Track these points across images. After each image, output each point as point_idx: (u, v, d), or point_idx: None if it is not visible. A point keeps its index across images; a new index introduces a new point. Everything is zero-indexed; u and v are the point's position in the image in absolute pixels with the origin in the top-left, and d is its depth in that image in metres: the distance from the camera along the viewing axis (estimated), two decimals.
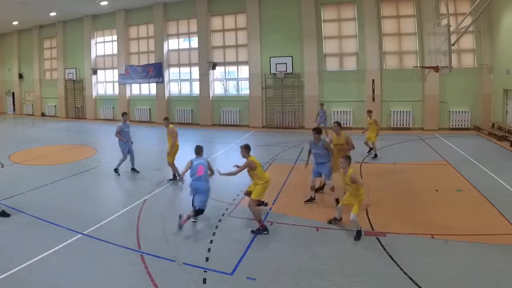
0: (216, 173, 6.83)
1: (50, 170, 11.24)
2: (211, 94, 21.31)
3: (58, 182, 9.88)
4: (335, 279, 4.95)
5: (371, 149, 12.29)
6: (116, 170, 10.55)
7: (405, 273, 5.00)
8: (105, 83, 25.66)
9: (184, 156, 13.95)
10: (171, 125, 9.96)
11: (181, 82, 22.86)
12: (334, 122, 8.70)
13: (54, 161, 12.57)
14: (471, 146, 13.85)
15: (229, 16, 20.82)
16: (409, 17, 17.83)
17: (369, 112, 12.61)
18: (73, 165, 11.79)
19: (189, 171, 6.83)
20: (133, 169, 10.73)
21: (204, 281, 4.96)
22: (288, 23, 19.23)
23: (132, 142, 10.85)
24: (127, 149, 10.64)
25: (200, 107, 21.50)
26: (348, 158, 6.33)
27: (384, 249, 5.65)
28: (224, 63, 21.18)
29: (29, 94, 29.40)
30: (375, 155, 12.04)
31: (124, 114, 11.12)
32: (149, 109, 23.26)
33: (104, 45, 25.28)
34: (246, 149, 6.80)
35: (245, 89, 20.94)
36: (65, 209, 7.71)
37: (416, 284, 4.73)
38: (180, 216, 6.41)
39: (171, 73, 22.86)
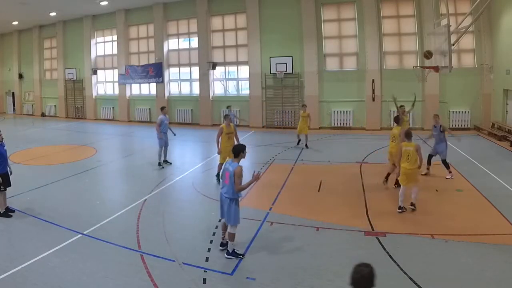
0: None
1: (50, 170, 11.24)
2: (211, 94, 21.31)
3: (58, 182, 9.88)
4: (335, 279, 4.94)
5: (299, 141, 14.03)
6: (160, 164, 11.23)
7: (405, 273, 4.99)
8: (105, 83, 25.64)
9: (185, 155, 14.08)
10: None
11: (181, 82, 22.85)
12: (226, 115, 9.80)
13: (54, 161, 12.56)
14: (471, 146, 13.81)
15: (229, 16, 20.81)
16: (409, 17, 17.81)
17: (304, 106, 14.33)
18: (73, 165, 11.79)
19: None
20: (166, 161, 11.54)
21: (204, 281, 4.96)
22: (288, 23, 19.22)
23: (174, 134, 11.83)
24: (163, 141, 11.30)
25: (200, 107, 21.49)
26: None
27: (384, 249, 5.65)
28: (224, 63, 21.17)
29: (29, 94, 29.38)
30: (306, 145, 13.70)
31: (164, 107, 11.95)
32: (149, 109, 23.23)
33: (104, 45, 25.26)
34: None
35: (245, 89, 20.93)
36: (65, 209, 7.72)
37: (416, 284, 4.73)
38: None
39: (171, 73, 22.84)
